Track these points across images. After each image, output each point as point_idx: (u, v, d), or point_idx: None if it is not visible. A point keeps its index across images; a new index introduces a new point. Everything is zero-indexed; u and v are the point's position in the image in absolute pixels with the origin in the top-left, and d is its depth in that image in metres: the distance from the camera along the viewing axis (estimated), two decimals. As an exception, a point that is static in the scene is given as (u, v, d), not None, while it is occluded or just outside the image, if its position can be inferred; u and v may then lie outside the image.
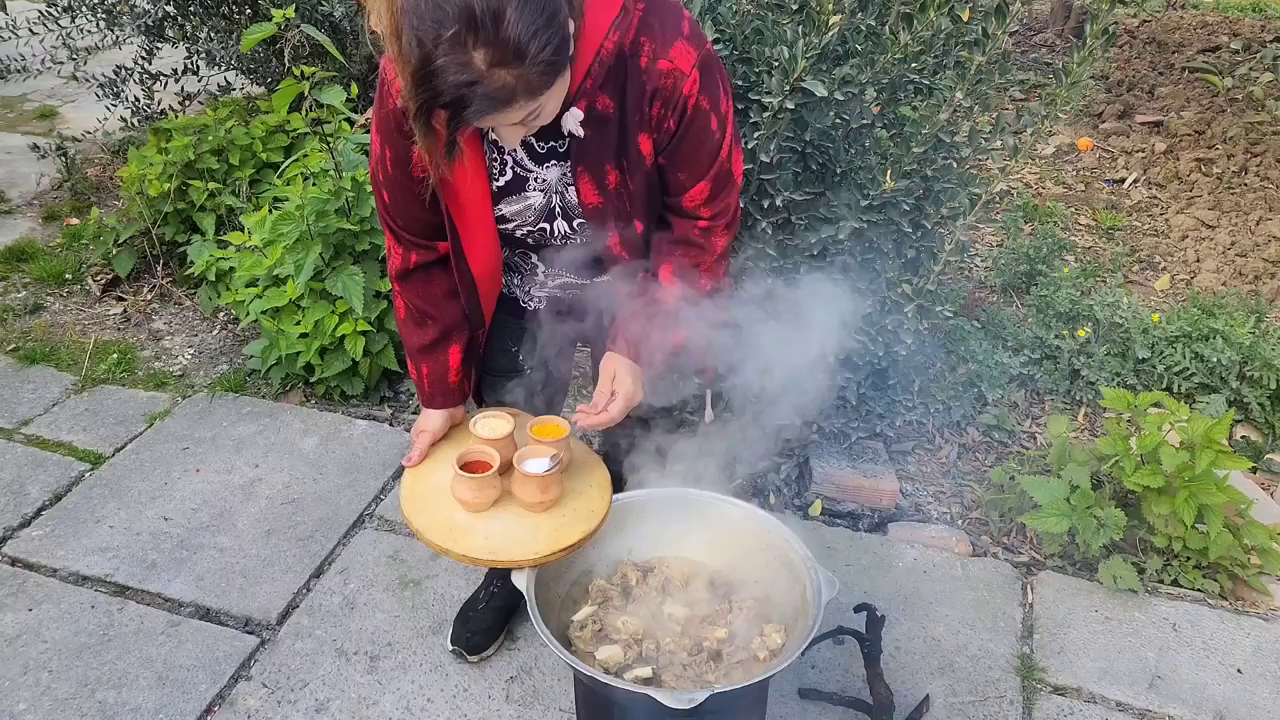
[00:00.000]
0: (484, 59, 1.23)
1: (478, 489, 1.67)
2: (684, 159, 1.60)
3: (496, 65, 1.24)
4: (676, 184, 1.64)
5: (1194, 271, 3.99)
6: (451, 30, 1.21)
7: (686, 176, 1.62)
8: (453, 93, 1.25)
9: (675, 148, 1.58)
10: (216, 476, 2.75)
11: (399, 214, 1.71)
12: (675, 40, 1.49)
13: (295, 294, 2.97)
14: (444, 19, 1.21)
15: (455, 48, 1.22)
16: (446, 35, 1.21)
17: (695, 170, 1.61)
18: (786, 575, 1.79)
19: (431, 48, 1.22)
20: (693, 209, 1.66)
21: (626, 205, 1.63)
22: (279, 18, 2.89)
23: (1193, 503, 2.33)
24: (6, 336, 3.40)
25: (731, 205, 1.70)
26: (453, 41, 1.22)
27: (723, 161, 1.62)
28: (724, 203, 1.68)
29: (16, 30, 3.89)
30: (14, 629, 2.25)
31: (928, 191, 2.38)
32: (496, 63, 1.24)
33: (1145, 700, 2.16)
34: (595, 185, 1.60)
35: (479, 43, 1.22)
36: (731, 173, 1.66)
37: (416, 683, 2.15)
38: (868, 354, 2.54)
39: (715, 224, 1.69)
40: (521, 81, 1.27)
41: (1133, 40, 6.52)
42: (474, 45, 1.22)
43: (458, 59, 1.23)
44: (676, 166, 1.61)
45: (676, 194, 1.65)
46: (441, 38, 1.22)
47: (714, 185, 1.63)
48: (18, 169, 4.62)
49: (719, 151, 1.60)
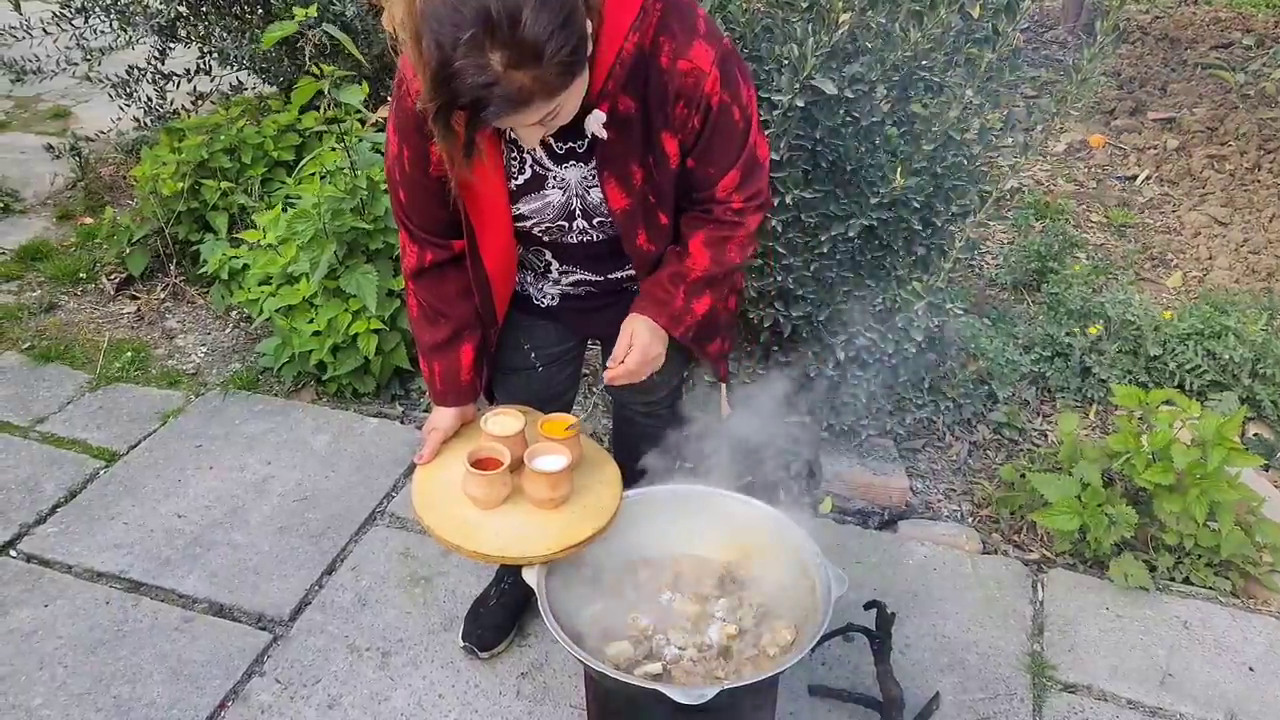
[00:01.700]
0: (501, 60, 1.24)
1: (488, 486, 1.68)
2: (713, 155, 1.61)
3: (513, 67, 1.25)
4: (706, 179, 1.65)
5: (1206, 269, 3.97)
6: (469, 33, 1.22)
7: (716, 170, 1.64)
8: (471, 94, 1.26)
9: (704, 146, 1.60)
10: (229, 474, 2.77)
11: (415, 212, 1.72)
12: (694, 39, 1.50)
13: (309, 292, 2.98)
14: (461, 22, 1.22)
15: (473, 50, 1.23)
16: (464, 38, 1.23)
17: (724, 163, 1.63)
18: (796, 572, 1.79)
19: (450, 50, 1.24)
20: (725, 197, 1.68)
21: (654, 201, 1.65)
22: (300, 16, 2.90)
23: (1204, 500, 2.32)
24: (21, 335, 3.43)
25: (764, 188, 1.72)
26: (470, 44, 1.23)
27: (750, 147, 1.63)
28: (755, 186, 1.69)
29: (31, 31, 3.91)
30: (30, 625, 2.27)
31: (938, 189, 2.38)
32: (513, 64, 1.25)
33: (1156, 698, 2.16)
34: (622, 187, 1.61)
35: (496, 44, 1.23)
36: (758, 157, 1.67)
37: (428, 679, 2.16)
38: (877, 351, 2.54)
39: (748, 205, 1.70)
40: (539, 82, 1.28)
41: (1145, 36, 6.49)
42: (491, 47, 1.23)
43: (475, 61, 1.24)
44: (707, 163, 1.63)
45: (708, 188, 1.67)
46: (459, 40, 1.23)
47: (743, 172, 1.65)
48: (32, 169, 4.65)
49: (745, 139, 1.62)
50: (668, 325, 1.75)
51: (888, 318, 2.43)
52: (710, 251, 1.72)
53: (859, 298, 2.50)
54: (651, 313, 1.75)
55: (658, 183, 1.63)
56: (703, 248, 1.72)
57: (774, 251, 2.36)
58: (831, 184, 2.38)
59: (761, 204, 1.74)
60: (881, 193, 2.25)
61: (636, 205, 1.64)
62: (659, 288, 1.76)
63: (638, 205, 1.64)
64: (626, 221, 1.66)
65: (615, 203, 1.62)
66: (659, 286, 1.76)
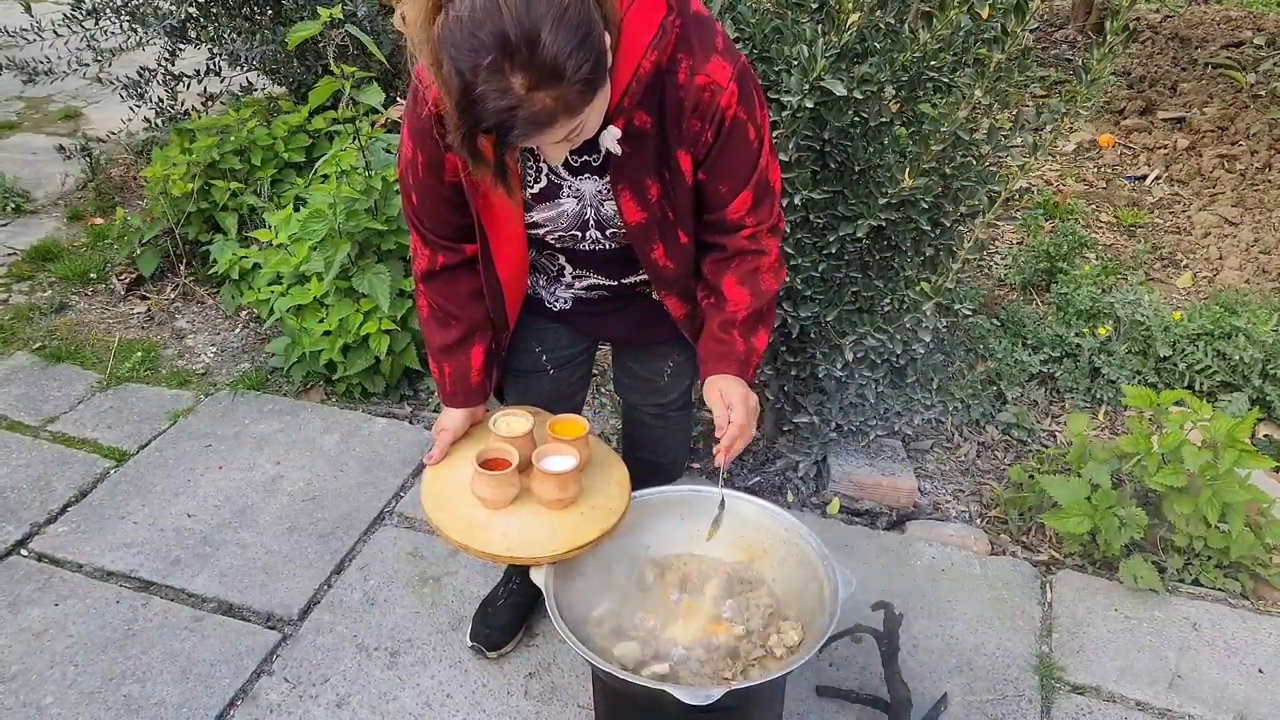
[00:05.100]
0: (523, 83, 1.24)
1: (497, 486, 1.68)
2: (724, 171, 1.60)
3: (535, 88, 1.25)
4: (718, 197, 1.64)
5: (1216, 269, 3.96)
6: (489, 58, 1.22)
7: (728, 189, 1.62)
8: (494, 119, 1.26)
9: (715, 160, 1.58)
10: (239, 473, 2.78)
11: (427, 216, 1.72)
12: (711, 55, 1.50)
13: (320, 292, 2.99)
14: (480, 47, 1.22)
15: (494, 75, 1.23)
16: (484, 64, 1.22)
17: (736, 182, 1.61)
18: (804, 573, 1.79)
19: (471, 78, 1.24)
20: (737, 220, 1.66)
21: (671, 216, 1.64)
22: (325, 16, 2.90)
23: (1217, 502, 2.31)
24: (33, 335, 3.45)
25: (775, 212, 1.71)
26: (490, 69, 1.23)
27: (762, 170, 1.62)
28: (767, 210, 1.68)
29: (42, 33, 3.93)
30: (41, 624, 2.28)
31: (947, 189, 2.37)
32: (535, 85, 1.25)
33: (1165, 700, 2.15)
34: (637, 201, 1.60)
35: (516, 68, 1.23)
36: (770, 181, 1.66)
37: (436, 678, 2.17)
38: (886, 352, 2.54)
39: (760, 229, 1.69)
40: (561, 102, 1.28)
41: (1155, 36, 6.46)
42: (511, 71, 1.23)
43: (496, 85, 1.24)
44: (718, 179, 1.61)
45: (719, 208, 1.65)
46: (480, 66, 1.23)
47: (755, 195, 1.64)
48: (43, 169, 4.67)
49: (758, 160, 1.61)
50: (738, 372, 1.74)
51: (896, 318, 2.43)
52: (746, 288, 1.72)
53: (867, 298, 2.50)
54: (722, 369, 1.73)
55: (676, 199, 1.62)
56: (737, 286, 1.71)
57: (782, 252, 2.36)
58: (840, 184, 2.38)
59: (774, 228, 1.72)
60: (890, 193, 2.25)
61: (652, 220, 1.63)
62: (714, 342, 1.75)
63: (653, 220, 1.63)
64: (641, 236, 1.65)
65: (630, 216, 1.62)
66: (714, 341, 1.75)
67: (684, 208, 1.64)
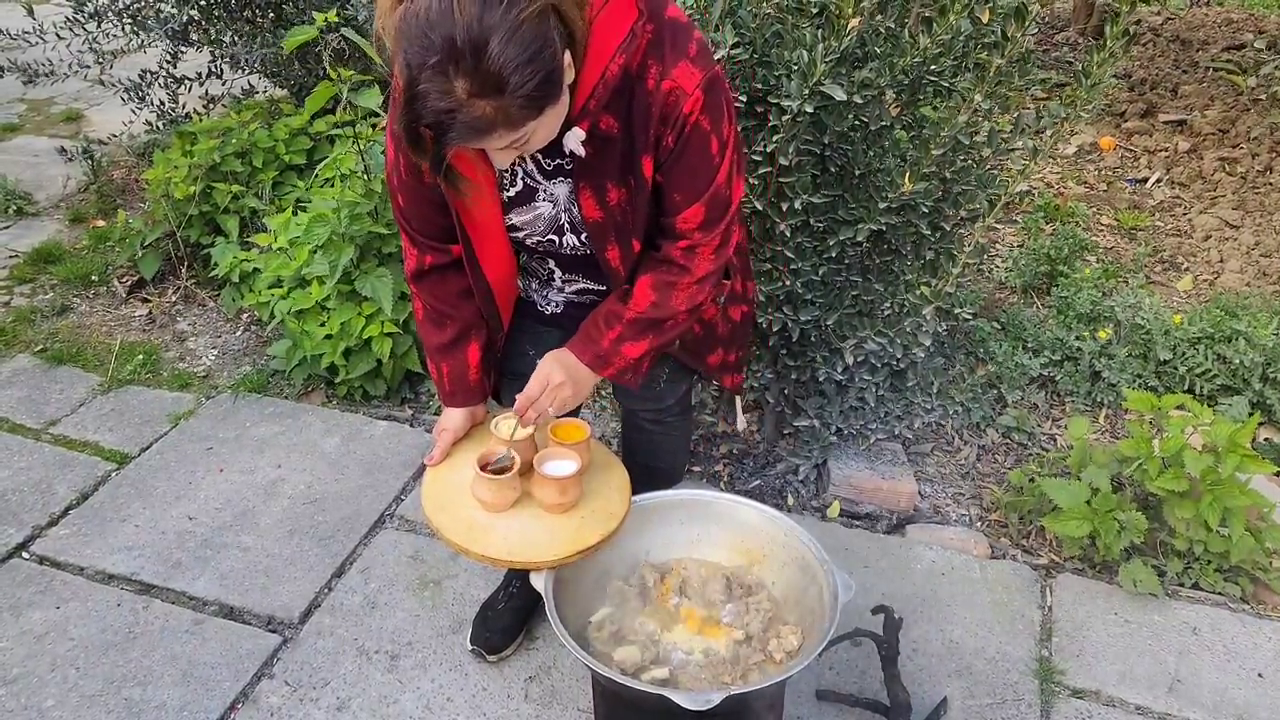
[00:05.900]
0: (465, 89, 1.26)
1: (497, 489, 1.69)
2: (680, 178, 1.58)
3: (476, 96, 1.27)
4: (671, 204, 1.62)
5: (1217, 272, 3.96)
6: (435, 59, 1.24)
7: (682, 197, 1.60)
8: (433, 117, 1.29)
9: (672, 165, 1.56)
10: (239, 476, 2.78)
11: (413, 217, 1.74)
12: (680, 61, 1.49)
13: (322, 295, 2.99)
14: (429, 47, 1.24)
15: (438, 76, 1.25)
16: (430, 63, 1.25)
17: (691, 192, 1.59)
18: (804, 577, 1.79)
19: (416, 74, 1.26)
20: (685, 230, 1.64)
21: (628, 223, 1.63)
22: (321, 21, 2.91)
23: (1218, 506, 2.31)
24: (34, 337, 3.45)
25: (723, 231, 1.66)
26: (435, 69, 1.25)
27: (719, 186, 1.59)
28: (717, 230, 1.65)
29: (44, 35, 3.94)
30: (42, 626, 2.29)
31: (947, 193, 2.38)
32: (476, 93, 1.26)
33: (1165, 704, 2.15)
34: (596, 201, 1.60)
35: (460, 73, 1.25)
36: (728, 199, 1.63)
37: (436, 682, 2.17)
38: (886, 355, 2.54)
39: (701, 246, 1.66)
40: (501, 113, 1.29)
41: (1156, 38, 6.46)
42: (455, 75, 1.25)
43: (439, 87, 1.26)
44: (673, 186, 1.59)
45: (671, 214, 1.63)
46: (426, 65, 1.25)
47: (709, 210, 1.61)
48: (45, 172, 4.68)
49: (716, 175, 1.58)
50: (592, 364, 1.74)
51: (896, 322, 2.43)
52: (654, 295, 1.69)
53: (868, 302, 2.50)
54: (576, 349, 1.74)
55: (635, 205, 1.61)
56: (648, 290, 1.70)
57: (782, 256, 2.36)
58: (840, 189, 2.38)
59: (718, 248, 1.67)
60: (890, 197, 2.25)
61: (609, 221, 1.62)
62: (591, 324, 1.75)
63: (609, 221, 1.62)
64: (598, 234, 1.65)
65: (589, 213, 1.61)
66: (592, 324, 1.75)
67: (642, 214, 1.64)
